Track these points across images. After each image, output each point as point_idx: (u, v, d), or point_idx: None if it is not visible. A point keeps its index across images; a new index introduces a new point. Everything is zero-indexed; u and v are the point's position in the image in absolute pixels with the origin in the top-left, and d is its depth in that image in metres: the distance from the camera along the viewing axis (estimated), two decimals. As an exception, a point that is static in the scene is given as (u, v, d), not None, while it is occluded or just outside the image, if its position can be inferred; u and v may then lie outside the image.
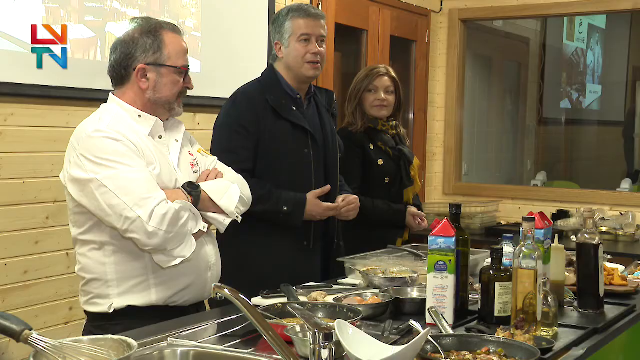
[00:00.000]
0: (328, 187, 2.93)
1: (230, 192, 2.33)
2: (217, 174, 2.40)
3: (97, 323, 2.24)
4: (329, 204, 2.93)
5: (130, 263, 2.22)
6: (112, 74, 2.30)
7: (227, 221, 2.33)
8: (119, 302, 2.22)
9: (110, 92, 2.33)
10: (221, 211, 2.30)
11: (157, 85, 2.26)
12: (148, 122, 2.27)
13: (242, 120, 2.85)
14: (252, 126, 2.84)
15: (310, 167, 2.92)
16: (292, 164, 2.89)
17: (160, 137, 2.31)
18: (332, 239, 3.05)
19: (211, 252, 2.36)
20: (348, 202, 2.97)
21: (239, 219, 2.37)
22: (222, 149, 2.84)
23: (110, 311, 2.21)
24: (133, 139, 2.19)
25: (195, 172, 2.38)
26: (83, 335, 2.25)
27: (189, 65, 2.32)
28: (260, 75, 3.04)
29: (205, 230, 2.27)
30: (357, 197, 3.04)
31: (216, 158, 2.52)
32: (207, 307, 2.54)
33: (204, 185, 2.30)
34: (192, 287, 2.29)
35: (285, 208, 2.81)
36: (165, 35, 2.27)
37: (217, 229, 2.37)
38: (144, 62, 2.24)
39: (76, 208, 2.23)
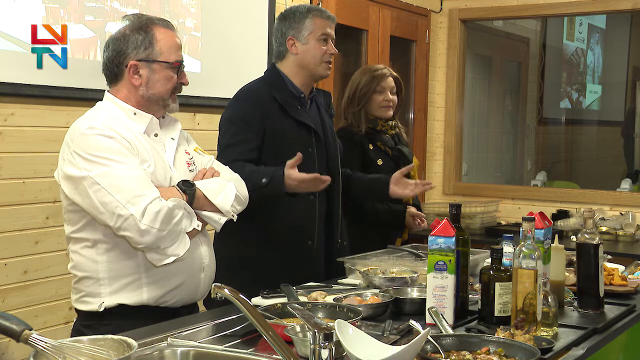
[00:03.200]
0: (300, 154, 2.73)
1: (226, 190, 2.32)
2: (213, 173, 2.38)
3: (87, 322, 2.23)
4: (304, 174, 2.74)
5: (122, 261, 2.20)
6: (105, 72, 2.30)
7: (223, 220, 2.31)
8: (110, 301, 2.20)
9: (106, 91, 2.32)
10: (217, 210, 2.29)
11: (150, 81, 2.25)
12: (143, 120, 2.26)
13: (247, 116, 2.85)
14: (257, 122, 2.83)
15: (314, 166, 2.91)
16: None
17: (155, 135, 2.30)
18: (335, 238, 3.04)
19: (205, 253, 2.33)
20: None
21: (235, 218, 2.36)
22: (227, 143, 2.84)
23: (101, 310, 2.20)
24: (127, 136, 2.18)
25: (191, 170, 2.36)
26: (72, 334, 2.25)
27: (182, 61, 2.30)
28: (262, 74, 3.04)
29: (199, 229, 2.25)
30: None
31: (213, 157, 2.51)
32: (201, 309, 2.53)
33: (199, 184, 2.28)
34: (184, 287, 2.27)
35: (264, 180, 2.73)
36: (157, 31, 2.26)
37: (214, 229, 2.36)
38: (135, 58, 2.23)
39: (70, 206, 2.22)
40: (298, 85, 2.94)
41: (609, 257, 3.04)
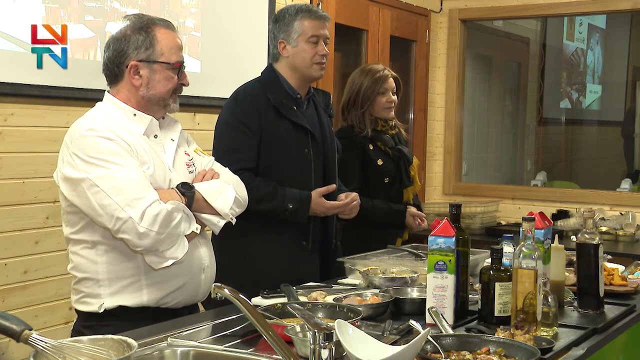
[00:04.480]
0: (333, 186, 2.95)
1: (226, 193, 2.31)
2: (213, 175, 2.37)
3: (87, 323, 2.23)
4: (334, 202, 2.95)
5: (122, 263, 2.20)
6: (106, 72, 2.29)
7: (222, 223, 2.30)
8: (110, 302, 2.19)
9: (106, 91, 2.31)
10: (215, 212, 2.28)
11: (150, 82, 2.24)
12: (143, 121, 2.25)
13: (244, 118, 2.85)
14: (255, 125, 2.84)
15: (311, 167, 2.92)
16: (293, 163, 2.90)
17: (155, 136, 2.29)
18: (330, 239, 3.05)
19: (205, 254, 2.33)
20: (352, 199, 2.98)
21: (234, 221, 2.35)
22: (226, 148, 2.84)
23: (101, 311, 2.19)
24: (127, 138, 2.17)
25: (191, 172, 2.35)
26: (72, 334, 2.24)
27: (183, 61, 2.30)
28: (259, 74, 3.04)
29: (198, 231, 2.24)
30: (357, 194, 3.05)
31: (213, 158, 2.50)
32: (201, 310, 2.53)
33: (198, 186, 2.27)
34: (185, 288, 2.27)
35: (291, 206, 2.82)
36: (158, 32, 2.25)
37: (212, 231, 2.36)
38: (136, 58, 2.22)
39: (69, 207, 2.21)
40: (294, 86, 2.94)
41: (609, 257, 3.04)
